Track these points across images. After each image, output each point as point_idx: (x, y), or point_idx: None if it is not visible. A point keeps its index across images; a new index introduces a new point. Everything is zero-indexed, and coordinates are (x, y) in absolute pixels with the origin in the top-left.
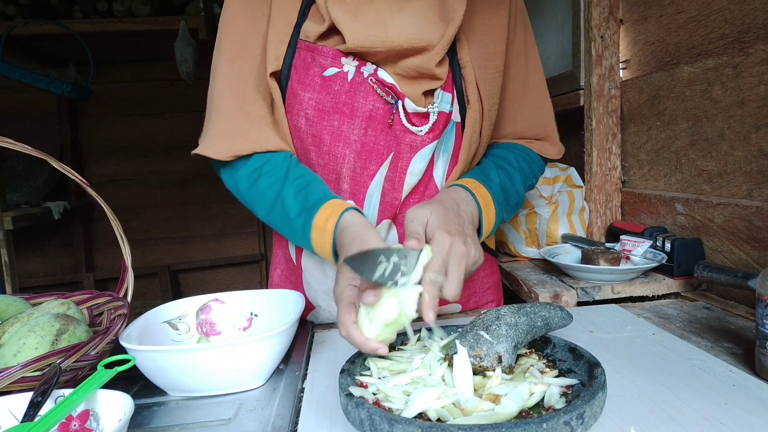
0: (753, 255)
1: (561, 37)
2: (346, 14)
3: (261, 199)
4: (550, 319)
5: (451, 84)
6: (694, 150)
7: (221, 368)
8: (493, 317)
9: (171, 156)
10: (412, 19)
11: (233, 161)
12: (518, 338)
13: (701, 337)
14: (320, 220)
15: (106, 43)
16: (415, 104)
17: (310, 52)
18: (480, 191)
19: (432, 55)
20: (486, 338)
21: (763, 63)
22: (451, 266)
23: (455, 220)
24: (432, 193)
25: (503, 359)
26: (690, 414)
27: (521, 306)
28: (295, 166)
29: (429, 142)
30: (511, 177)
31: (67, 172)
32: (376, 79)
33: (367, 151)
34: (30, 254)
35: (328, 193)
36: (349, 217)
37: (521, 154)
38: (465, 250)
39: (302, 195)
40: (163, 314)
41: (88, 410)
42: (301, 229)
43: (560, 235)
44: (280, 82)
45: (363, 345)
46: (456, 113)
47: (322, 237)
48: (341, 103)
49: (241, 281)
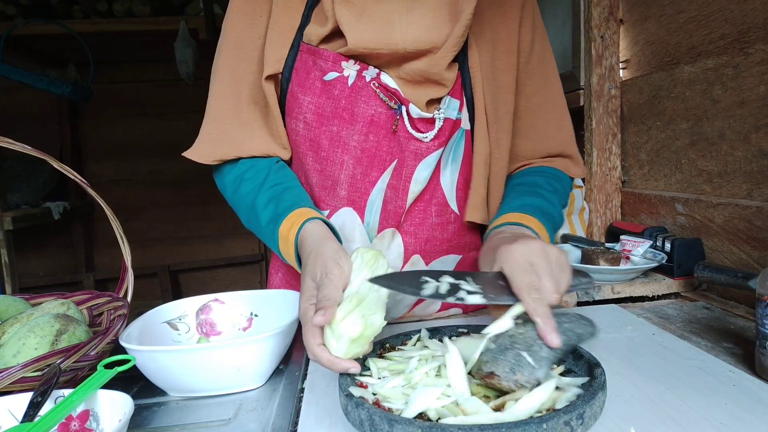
0: (753, 255)
1: (561, 37)
2: (352, 14)
3: (241, 206)
4: (582, 336)
5: (460, 90)
6: (694, 150)
7: (221, 368)
8: (535, 335)
9: (171, 156)
10: (421, 19)
11: (222, 166)
12: (556, 360)
13: (701, 337)
14: (284, 229)
15: (106, 43)
16: (419, 110)
17: (311, 55)
18: (525, 219)
19: (437, 58)
20: (528, 361)
21: (763, 63)
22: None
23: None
24: (439, 201)
25: (539, 385)
26: (690, 414)
27: (558, 322)
28: (275, 173)
29: (435, 149)
30: (549, 200)
31: (67, 172)
32: (379, 83)
33: (368, 157)
34: (30, 254)
35: (299, 200)
36: (310, 228)
37: (550, 176)
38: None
39: (273, 203)
40: (163, 314)
41: (88, 410)
42: (270, 237)
43: (560, 235)
44: (281, 85)
45: (333, 366)
46: (465, 121)
47: (287, 247)
48: (341, 108)
49: (241, 281)
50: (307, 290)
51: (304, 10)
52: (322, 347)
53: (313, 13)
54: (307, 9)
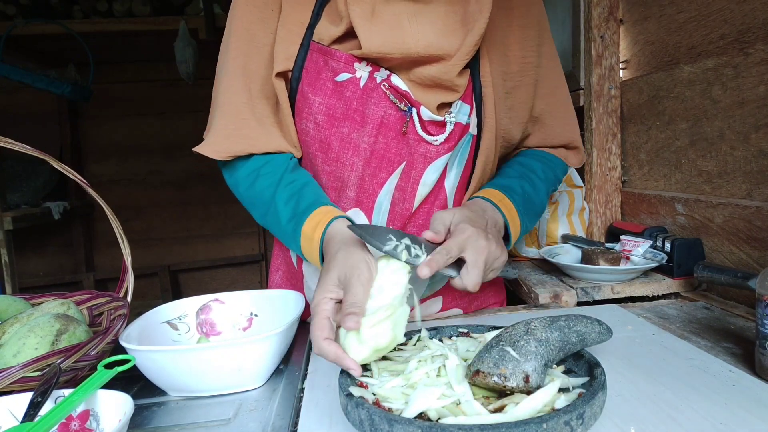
0: (753, 255)
1: (561, 37)
2: (363, 14)
3: (257, 202)
4: (586, 334)
5: (471, 95)
6: (694, 150)
7: (221, 368)
8: (521, 331)
9: (171, 156)
10: (430, 24)
11: (233, 161)
12: (549, 356)
13: (701, 337)
14: (308, 228)
15: (106, 43)
16: (431, 113)
17: (322, 55)
18: (504, 203)
19: (450, 65)
20: (512, 355)
21: (763, 63)
22: (469, 254)
23: (480, 220)
24: (442, 204)
25: (531, 379)
26: (690, 414)
27: (554, 319)
28: (291, 170)
29: (444, 152)
30: (536, 187)
31: (67, 172)
32: (390, 85)
33: (377, 158)
34: (30, 254)
35: (320, 199)
36: (336, 227)
37: (548, 163)
38: (486, 243)
39: (293, 200)
40: (163, 314)
41: (88, 410)
42: (291, 235)
43: (560, 235)
44: (290, 83)
45: (339, 360)
46: (473, 126)
47: (310, 246)
48: (352, 109)
49: (241, 281)
50: (326, 284)
51: (314, 7)
52: (329, 341)
53: (324, 11)
54: (318, 6)
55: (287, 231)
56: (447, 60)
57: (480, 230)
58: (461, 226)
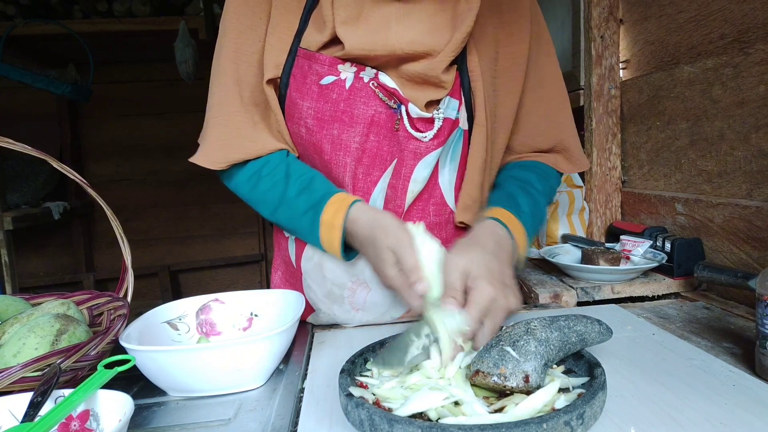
0: (753, 255)
1: (561, 37)
2: (348, 18)
3: (264, 202)
4: (586, 334)
5: (459, 90)
6: (694, 150)
7: (221, 368)
8: (521, 331)
9: (171, 156)
10: (418, 23)
11: (230, 167)
12: (549, 356)
13: (701, 337)
14: (328, 215)
15: (106, 43)
16: (419, 110)
17: (307, 60)
18: (514, 225)
19: (435, 61)
20: (512, 355)
21: (763, 63)
22: (489, 320)
23: (497, 268)
24: (437, 201)
25: (531, 379)
26: (690, 414)
27: (554, 319)
28: (293, 164)
29: (433, 148)
30: (537, 203)
31: (67, 172)
32: (378, 83)
33: (369, 157)
34: (30, 254)
35: (332, 188)
36: (359, 208)
37: (542, 174)
38: (506, 304)
39: (306, 193)
40: (163, 314)
41: (88, 410)
42: (308, 226)
43: (560, 235)
44: (279, 89)
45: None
46: (464, 121)
47: (331, 233)
48: (340, 111)
49: (241, 281)
50: (389, 258)
51: (302, 14)
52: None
53: (311, 17)
54: (305, 13)
55: (303, 223)
56: (433, 56)
57: (500, 289)
58: (480, 286)
